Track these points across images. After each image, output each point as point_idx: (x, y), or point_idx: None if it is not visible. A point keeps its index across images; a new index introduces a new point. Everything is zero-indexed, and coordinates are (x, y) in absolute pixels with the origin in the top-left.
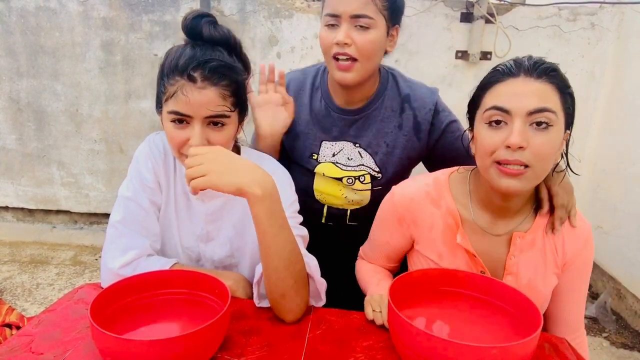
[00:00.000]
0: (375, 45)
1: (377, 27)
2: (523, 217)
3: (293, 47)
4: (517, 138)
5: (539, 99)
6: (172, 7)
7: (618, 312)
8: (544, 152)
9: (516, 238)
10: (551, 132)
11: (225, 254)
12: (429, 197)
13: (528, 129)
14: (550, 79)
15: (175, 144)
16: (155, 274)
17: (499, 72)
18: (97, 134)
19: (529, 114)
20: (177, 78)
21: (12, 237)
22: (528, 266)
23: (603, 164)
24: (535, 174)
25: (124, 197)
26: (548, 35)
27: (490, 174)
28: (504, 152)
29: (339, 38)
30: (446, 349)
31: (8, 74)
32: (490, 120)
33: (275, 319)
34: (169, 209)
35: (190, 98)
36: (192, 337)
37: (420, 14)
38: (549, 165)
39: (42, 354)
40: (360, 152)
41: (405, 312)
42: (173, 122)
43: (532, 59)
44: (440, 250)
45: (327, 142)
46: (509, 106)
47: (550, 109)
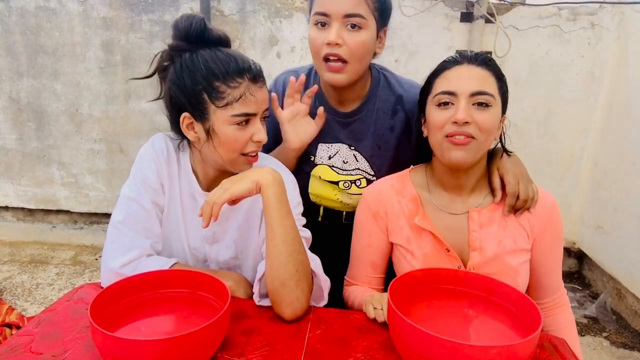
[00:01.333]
0: (366, 46)
1: (369, 27)
2: (482, 196)
3: (293, 47)
4: (463, 114)
5: (480, 82)
6: (172, 7)
7: (618, 312)
8: (486, 126)
9: (472, 213)
10: (490, 111)
11: (231, 255)
12: (393, 188)
13: (471, 108)
14: (488, 67)
15: (239, 146)
16: (155, 273)
17: (447, 61)
18: (97, 134)
19: (471, 94)
20: (238, 80)
21: (12, 237)
22: (491, 240)
23: (603, 164)
24: (479, 145)
25: (126, 197)
26: (548, 35)
27: (441, 148)
28: (451, 126)
29: (330, 38)
30: (446, 348)
31: (8, 74)
32: (440, 102)
33: (275, 319)
34: (174, 210)
35: (257, 97)
36: (192, 337)
37: (420, 14)
38: (490, 139)
39: (42, 354)
40: (356, 155)
41: (405, 311)
42: (238, 124)
43: (473, 52)
44: (407, 235)
45: (323, 144)
46: (455, 88)
47: (489, 92)
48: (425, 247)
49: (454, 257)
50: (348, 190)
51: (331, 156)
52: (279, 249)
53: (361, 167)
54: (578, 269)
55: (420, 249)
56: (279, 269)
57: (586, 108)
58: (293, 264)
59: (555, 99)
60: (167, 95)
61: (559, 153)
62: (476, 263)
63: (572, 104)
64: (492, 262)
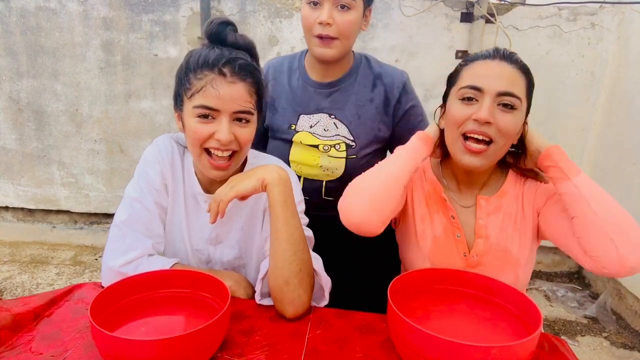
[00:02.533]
0: (354, 25)
1: (357, 7)
2: (492, 187)
3: (293, 47)
4: (486, 113)
5: (509, 82)
6: (172, 7)
7: (618, 312)
8: (507, 130)
9: (480, 200)
10: (515, 115)
11: (234, 255)
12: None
13: (496, 108)
14: (520, 68)
15: (198, 139)
16: (155, 273)
17: (479, 54)
18: (97, 134)
19: (498, 94)
20: (206, 72)
21: (12, 237)
22: (496, 228)
23: (603, 164)
24: (495, 151)
25: (129, 197)
26: (548, 35)
27: (455, 148)
28: (471, 124)
29: (322, 18)
30: (446, 348)
31: (8, 74)
32: (464, 97)
33: (275, 319)
34: (177, 211)
35: (221, 92)
36: (192, 337)
37: (421, 14)
38: (508, 143)
39: (42, 354)
40: (336, 122)
41: (405, 312)
42: (199, 117)
43: (508, 50)
44: (423, 212)
45: (304, 115)
46: (482, 84)
47: (516, 95)
48: (436, 229)
49: (462, 242)
50: (328, 153)
51: (312, 125)
52: (284, 247)
53: (341, 133)
54: (578, 269)
55: (431, 229)
56: (282, 268)
57: (586, 108)
58: (297, 263)
59: (555, 99)
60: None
61: None
62: (480, 250)
63: (572, 104)
64: (495, 249)
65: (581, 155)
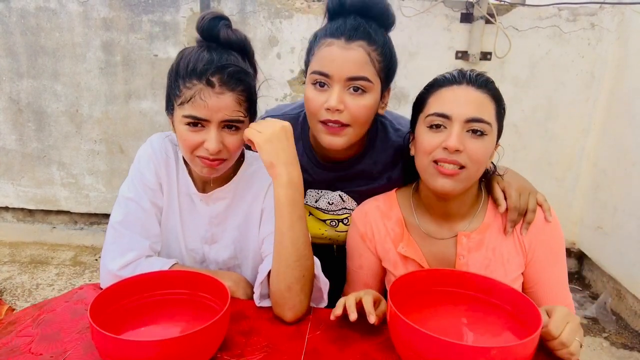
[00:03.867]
0: (370, 110)
1: (374, 90)
2: (469, 220)
3: (293, 47)
4: (455, 141)
5: (477, 108)
6: (172, 8)
7: (618, 313)
8: (477, 157)
9: (462, 237)
10: (485, 140)
11: (229, 255)
12: (379, 210)
13: (465, 134)
14: (489, 91)
15: (189, 147)
16: (154, 274)
17: (445, 78)
18: (97, 135)
19: (466, 121)
20: (194, 82)
21: (12, 237)
22: (478, 266)
23: (603, 164)
24: (468, 175)
25: (124, 197)
26: (548, 36)
27: (428, 174)
28: (441, 152)
29: (331, 103)
30: (446, 349)
31: (8, 75)
32: (432, 124)
33: (275, 320)
34: (172, 211)
35: (209, 103)
36: (192, 337)
37: (421, 15)
38: (481, 169)
39: (42, 355)
40: (342, 195)
41: (405, 312)
42: (188, 125)
43: (474, 72)
44: (394, 259)
45: (311, 190)
46: (450, 112)
47: (486, 120)
48: (410, 268)
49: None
50: (336, 228)
51: (317, 199)
52: (288, 251)
53: (347, 207)
54: (578, 270)
55: (405, 270)
56: (285, 273)
57: (586, 108)
58: (300, 269)
59: (555, 100)
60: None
61: (559, 153)
62: None
63: (572, 105)
64: None
65: (581, 155)
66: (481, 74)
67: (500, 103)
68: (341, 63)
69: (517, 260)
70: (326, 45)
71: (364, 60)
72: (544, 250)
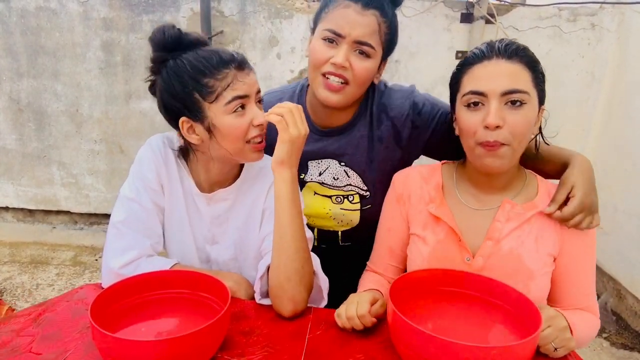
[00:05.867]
0: (370, 73)
1: (376, 57)
2: (514, 192)
3: (293, 47)
4: (494, 118)
5: (511, 79)
6: (172, 8)
7: (618, 313)
8: (519, 130)
9: (506, 204)
10: (525, 110)
11: (230, 256)
12: (420, 175)
13: (503, 107)
14: (520, 59)
15: (241, 133)
16: (155, 274)
17: (475, 55)
18: (97, 135)
19: (502, 94)
20: (224, 71)
21: (12, 237)
22: (512, 236)
23: (603, 164)
24: (513, 151)
25: (126, 197)
26: (548, 36)
27: (475, 154)
28: (483, 133)
29: (338, 60)
30: (446, 349)
31: (8, 74)
32: (469, 103)
33: (275, 320)
34: (178, 210)
35: (246, 81)
36: (192, 337)
37: (421, 15)
38: (525, 140)
39: (42, 354)
40: (347, 170)
41: (405, 312)
42: (235, 111)
43: (504, 42)
44: (425, 220)
45: (312, 161)
46: (484, 89)
47: (522, 90)
48: (439, 234)
49: (464, 247)
50: (341, 205)
51: (321, 172)
52: (288, 244)
53: (353, 183)
54: None
55: (434, 235)
56: (285, 265)
57: (586, 108)
58: (299, 261)
59: (555, 100)
60: (161, 106)
61: None
62: (487, 253)
63: (572, 105)
64: (506, 257)
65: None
66: (510, 42)
67: (536, 68)
68: (354, 26)
69: (552, 239)
70: (343, 7)
71: (374, 28)
72: (580, 243)
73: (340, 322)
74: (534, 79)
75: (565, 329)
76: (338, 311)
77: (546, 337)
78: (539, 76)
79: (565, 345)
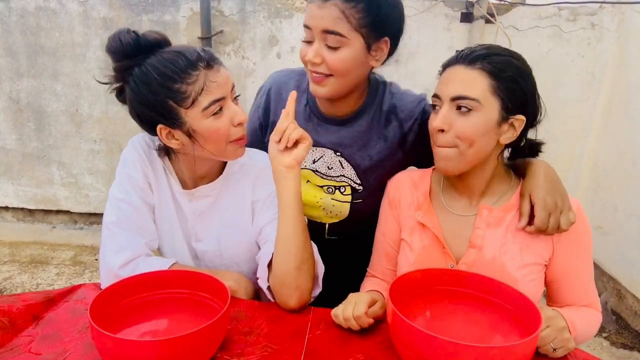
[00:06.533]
0: (347, 63)
1: (350, 45)
2: (495, 196)
3: (293, 47)
4: (437, 121)
5: (463, 85)
6: (172, 8)
7: (618, 313)
8: (465, 134)
9: (483, 210)
10: (473, 117)
11: (214, 253)
12: (411, 180)
13: (453, 113)
14: (483, 67)
15: (223, 135)
16: (154, 274)
17: (448, 60)
18: (97, 134)
19: (452, 99)
20: (194, 74)
21: (12, 237)
22: (494, 242)
23: (603, 164)
24: (461, 154)
25: (115, 198)
26: (548, 36)
27: (434, 155)
28: (436, 135)
29: (309, 56)
30: (446, 349)
31: (8, 74)
32: (433, 105)
33: (275, 319)
34: (166, 208)
35: (219, 81)
36: (192, 337)
37: (420, 14)
38: (477, 147)
39: (42, 355)
40: (341, 161)
41: (405, 312)
42: (214, 114)
43: (474, 48)
44: (412, 226)
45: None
46: (440, 93)
47: (470, 97)
48: (424, 240)
49: (448, 254)
50: (332, 195)
51: (315, 160)
52: (297, 235)
53: (346, 175)
54: None
55: (421, 241)
56: (296, 254)
57: (586, 108)
58: (307, 250)
59: (555, 99)
60: (134, 115)
61: (558, 153)
62: (470, 261)
63: (572, 104)
64: (488, 262)
65: (581, 155)
66: (478, 49)
67: (500, 76)
68: (315, 18)
69: (540, 247)
70: (309, 3)
71: (337, 16)
72: (572, 241)
73: (337, 321)
74: (494, 87)
75: (564, 329)
76: (335, 311)
77: (545, 338)
78: (505, 85)
79: (565, 346)
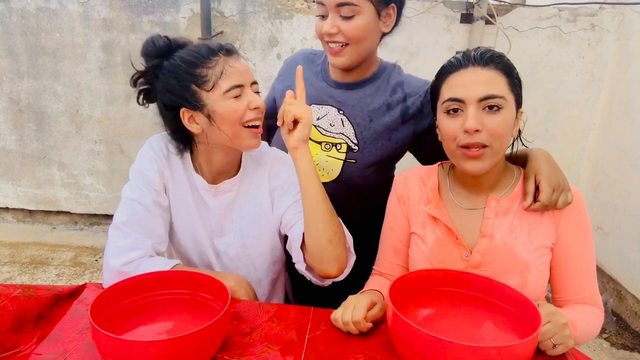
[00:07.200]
0: (362, 30)
1: (363, 12)
2: (502, 189)
3: (293, 48)
4: (472, 122)
5: (487, 86)
6: (172, 8)
7: (618, 313)
8: (498, 132)
9: (491, 201)
10: (502, 114)
11: (239, 244)
12: (419, 176)
13: (481, 113)
14: (496, 66)
15: (239, 115)
16: (156, 274)
17: (451, 64)
18: (97, 135)
19: (479, 100)
20: (214, 59)
21: (12, 238)
22: (503, 229)
23: (603, 164)
24: (493, 152)
25: (128, 198)
26: (548, 36)
27: (456, 158)
28: (464, 136)
29: (325, 29)
30: (446, 349)
31: (9, 75)
32: (449, 110)
33: (275, 320)
34: (185, 208)
35: (238, 68)
36: (192, 337)
37: (421, 15)
38: (505, 142)
39: (42, 355)
40: (343, 120)
41: (405, 312)
42: (234, 97)
43: (479, 50)
44: (423, 220)
45: (314, 105)
46: (462, 95)
47: (498, 95)
48: (437, 232)
49: (462, 245)
50: (328, 152)
51: (319, 117)
52: (323, 209)
53: (345, 133)
54: None
55: (433, 233)
56: (325, 228)
57: (586, 109)
58: (335, 222)
59: (555, 100)
60: (161, 106)
61: (559, 154)
62: (483, 250)
63: (572, 105)
64: (500, 249)
65: (581, 155)
66: (486, 50)
67: (512, 73)
68: None
69: (546, 229)
70: None
71: None
72: (574, 227)
73: (336, 325)
74: (510, 84)
75: (565, 326)
76: (334, 315)
77: (545, 333)
78: (515, 81)
79: (564, 343)
